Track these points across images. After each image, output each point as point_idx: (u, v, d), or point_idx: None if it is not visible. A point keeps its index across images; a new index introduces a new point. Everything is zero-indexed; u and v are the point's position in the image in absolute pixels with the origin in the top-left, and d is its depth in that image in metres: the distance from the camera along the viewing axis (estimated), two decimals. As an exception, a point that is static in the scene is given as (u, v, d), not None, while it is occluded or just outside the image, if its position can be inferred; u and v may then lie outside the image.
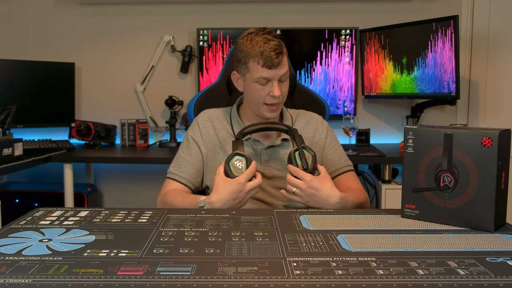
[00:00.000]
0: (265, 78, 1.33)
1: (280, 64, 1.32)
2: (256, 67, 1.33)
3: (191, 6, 2.95)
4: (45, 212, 1.13)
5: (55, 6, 2.97)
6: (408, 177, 1.07)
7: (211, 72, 2.84)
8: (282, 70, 1.33)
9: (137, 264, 0.79)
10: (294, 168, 1.24)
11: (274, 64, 1.31)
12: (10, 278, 0.73)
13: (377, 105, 2.97)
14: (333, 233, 0.97)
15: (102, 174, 3.07)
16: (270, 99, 1.34)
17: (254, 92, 1.36)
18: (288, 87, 1.41)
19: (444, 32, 2.46)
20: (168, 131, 2.93)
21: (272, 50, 1.30)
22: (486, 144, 0.96)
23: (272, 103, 1.35)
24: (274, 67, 1.31)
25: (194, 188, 1.43)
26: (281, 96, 1.35)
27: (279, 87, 1.33)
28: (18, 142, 2.23)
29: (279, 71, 1.33)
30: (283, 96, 1.37)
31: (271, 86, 1.33)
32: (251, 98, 1.39)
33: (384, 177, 2.49)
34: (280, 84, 1.35)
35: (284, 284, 0.71)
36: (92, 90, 3.02)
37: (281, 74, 1.33)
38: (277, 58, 1.31)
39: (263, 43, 1.32)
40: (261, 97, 1.35)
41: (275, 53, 1.30)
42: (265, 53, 1.30)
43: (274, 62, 1.31)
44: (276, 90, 1.32)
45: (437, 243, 0.90)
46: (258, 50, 1.31)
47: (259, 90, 1.35)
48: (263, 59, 1.31)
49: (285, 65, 1.34)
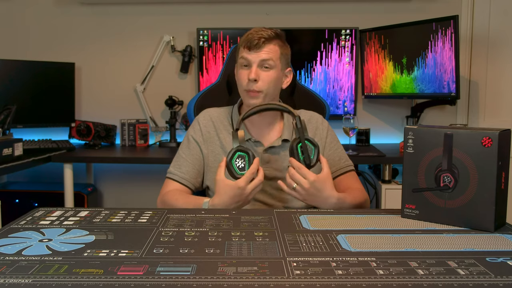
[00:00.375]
0: (245, 59, 1.35)
1: (260, 47, 1.34)
2: (241, 49, 1.38)
3: (191, 6, 2.95)
4: (45, 212, 1.13)
5: (55, 6, 2.97)
6: (408, 177, 1.07)
7: (211, 72, 2.84)
8: (263, 54, 1.34)
9: (137, 264, 0.79)
10: (298, 164, 1.22)
11: (253, 45, 1.34)
12: (10, 278, 0.73)
13: (377, 105, 2.97)
14: (333, 233, 0.97)
15: (102, 174, 3.08)
16: (248, 84, 1.35)
17: (238, 78, 1.39)
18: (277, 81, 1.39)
19: (444, 32, 2.46)
20: (168, 131, 2.93)
21: (257, 34, 1.34)
22: (486, 144, 0.96)
23: (250, 89, 1.35)
24: (253, 48, 1.34)
25: (194, 189, 1.43)
26: (261, 82, 1.34)
27: (258, 72, 1.34)
28: (18, 142, 2.23)
29: (258, 54, 1.34)
30: (264, 83, 1.35)
31: (250, 70, 1.34)
32: (238, 87, 1.41)
33: (384, 177, 2.49)
34: (262, 71, 1.35)
35: (284, 284, 0.71)
36: (92, 90, 3.02)
37: (261, 58, 1.34)
38: (257, 40, 1.33)
39: (254, 30, 1.36)
40: (242, 81, 1.37)
41: (258, 37, 1.34)
42: (249, 36, 1.35)
43: (253, 43, 1.33)
44: (252, 73, 1.33)
45: (437, 243, 0.90)
46: (246, 35, 1.37)
47: (241, 74, 1.37)
48: (246, 41, 1.35)
49: (268, 52, 1.35)
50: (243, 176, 1.20)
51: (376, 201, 2.58)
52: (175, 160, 1.45)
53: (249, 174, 1.20)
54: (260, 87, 1.35)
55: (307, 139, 1.24)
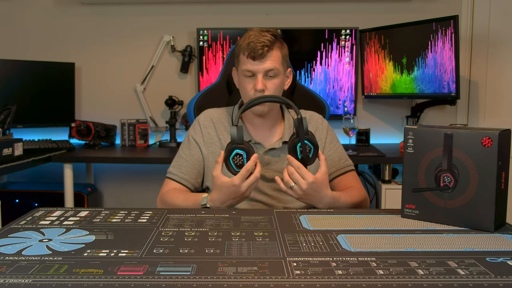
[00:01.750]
0: (250, 71, 1.33)
1: (264, 57, 1.31)
2: (243, 58, 1.34)
3: (191, 6, 2.95)
4: (45, 212, 1.13)
5: (55, 6, 2.97)
6: (408, 177, 1.07)
7: (211, 72, 2.84)
8: (267, 64, 1.32)
9: (137, 264, 0.79)
10: (297, 164, 1.19)
11: (257, 55, 1.31)
12: (10, 278, 0.73)
13: (377, 105, 2.97)
14: (333, 233, 0.97)
15: (102, 174, 3.07)
16: (255, 94, 1.33)
17: (242, 86, 1.37)
18: (282, 86, 1.39)
19: (444, 32, 2.46)
20: (168, 131, 2.93)
21: (259, 42, 1.31)
22: (486, 144, 0.96)
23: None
24: (258, 58, 1.31)
25: (194, 189, 1.43)
26: (267, 91, 1.33)
27: (264, 82, 1.33)
28: (18, 142, 2.23)
29: (263, 64, 1.32)
30: (270, 91, 1.34)
31: (256, 79, 1.33)
32: (241, 93, 1.40)
33: (384, 177, 2.49)
34: (267, 80, 1.34)
35: (284, 284, 0.71)
36: (92, 90, 3.02)
37: (266, 68, 1.32)
38: (261, 49, 1.30)
39: (253, 36, 1.33)
40: (248, 91, 1.35)
41: (261, 45, 1.30)
42: (251, 44, 1.31)
43: (257, 53, 1.30)
44: (259, 84, 1.32)
45: (437, 243, 0.90)
46: (246, 41, 1.33)
47: (246, 84, 1.35)
48: (248, 50, 1.32)
49: (272, 60, 1.33)
50: (238, 174, 1.18)
51: (376, 201, 2.58)
52: (175, 160, 1.45)
53: (245, 171, 1.17)
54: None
55: (307, 138, 1.21)
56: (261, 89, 1.32)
